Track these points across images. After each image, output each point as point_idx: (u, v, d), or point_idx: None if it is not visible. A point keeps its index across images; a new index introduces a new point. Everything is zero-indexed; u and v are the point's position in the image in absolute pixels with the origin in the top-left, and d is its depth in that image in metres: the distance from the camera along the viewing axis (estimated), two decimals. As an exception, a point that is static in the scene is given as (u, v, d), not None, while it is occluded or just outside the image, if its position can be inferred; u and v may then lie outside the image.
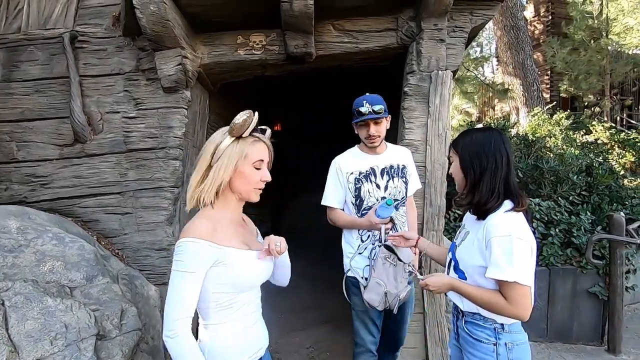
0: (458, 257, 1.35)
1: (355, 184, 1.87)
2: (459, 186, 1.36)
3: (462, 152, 1.31)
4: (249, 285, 1.12)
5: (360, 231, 1.89)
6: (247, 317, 1.14)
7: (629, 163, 7.09)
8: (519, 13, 9.08)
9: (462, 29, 2.44)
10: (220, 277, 1.06)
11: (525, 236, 1.18)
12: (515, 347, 1.24)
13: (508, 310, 1.18)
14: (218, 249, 1.04)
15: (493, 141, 1.28)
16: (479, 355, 1.26)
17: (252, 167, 1.10)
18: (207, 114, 2.92)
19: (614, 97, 10.60)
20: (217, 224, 1.08)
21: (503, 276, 1.16)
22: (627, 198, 3.70)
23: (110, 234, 2.45)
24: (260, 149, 1.12)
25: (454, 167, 1.36)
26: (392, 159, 1.92)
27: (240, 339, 1.11)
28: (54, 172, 2.48)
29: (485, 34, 15.27)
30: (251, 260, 1.12)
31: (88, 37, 2.52)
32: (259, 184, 1.13)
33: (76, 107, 2.41)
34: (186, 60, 2.35)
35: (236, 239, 1.11)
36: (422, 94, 2.40)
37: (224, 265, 1.05)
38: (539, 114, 8.26)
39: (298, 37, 2.37)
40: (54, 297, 1.70)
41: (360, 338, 1.92)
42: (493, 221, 1.21)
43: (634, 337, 3.27)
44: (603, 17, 10.13)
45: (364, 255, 1.87)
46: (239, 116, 1.07)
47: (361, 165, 1.89)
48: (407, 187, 1.94)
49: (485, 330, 1.26)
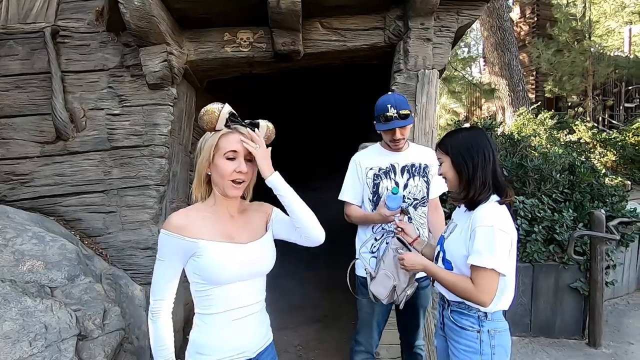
0: (446, 248, 1.41)
1: (373, 180, 1.82)
2: (452, 185, 1.40)
3: (453, 151, 1.36)
4: (222, 278, 1.08)
5: (375, 229, 1.82)
6: (233, 311, 1.11)
7: (610, 162, 7.30)
8: (505, 14, 9.23)
9: (449, 28, 2.46)
10: (194, 268, 1.09)
11: (507, 228, 1.26)
12: (497, 334, 1.31)
13: (473, 295, 1.25)
14: (187, 241, 1.06)
15: (479, 137, 1.37)
16: (464, 342, 1.33)
17: (224, 158, 1.09)
18: (193, 112, 2.89)
19: (596, 97, 10.88)
20: (194, 217, 1.10)
21: (481, 262, 1.23)
22: (607, 196, 3.80)
23: (94, 233, 2.40)
24: (232, 140, 1.09)
25: (444, 167, 1.39)
26: (414, 157, 1.86)
27: (222, 332, 1.10)
28: (34, 170, 2.42)
29: (473, 34, 15.50)
30: (225, 252, 1.08)
31: (70, 31, 2.46)
32: (233, 175, 1.09)
33: (58, 104, 2.35)
34: (172, 57, 2.32)
35: (213, 231, 1.10)
36: (409, 92, 2.42)
37: (197, 257, 1.07)
38: (524, 114, 8.43)
39: (285, 34, 2.36)
40: (34, 297, 1.66)
41: (362, 337, 1.89)
42: (479, 212, 1.29)
43: (613, 331, 3.37)
44: (586, 19, 10.38)
45: (376, 255, 1.80)
46: (204, 109, 1.09)
47: (381, 162, 1.84)
48: (428, 187, 1.86)
49: (470, 318, 1.33)
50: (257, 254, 1.14)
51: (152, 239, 2.36)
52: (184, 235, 1.06)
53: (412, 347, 1.93)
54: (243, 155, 1.10)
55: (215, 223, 1.12)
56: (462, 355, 1.33)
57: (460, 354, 1.34)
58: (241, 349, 1.13)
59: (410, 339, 1.92)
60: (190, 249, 1.07)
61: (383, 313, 1.86)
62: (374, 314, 1.84)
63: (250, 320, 1.14)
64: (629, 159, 7.42)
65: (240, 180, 1.11)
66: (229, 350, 1.11)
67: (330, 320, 3.30)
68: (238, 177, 1.10)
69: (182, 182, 2.80)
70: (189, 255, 1.08)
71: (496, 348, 1.30)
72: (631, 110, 11.70)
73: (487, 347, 1.30)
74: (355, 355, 1.91)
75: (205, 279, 1.08)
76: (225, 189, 1.11)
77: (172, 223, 1.07)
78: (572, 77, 10.24)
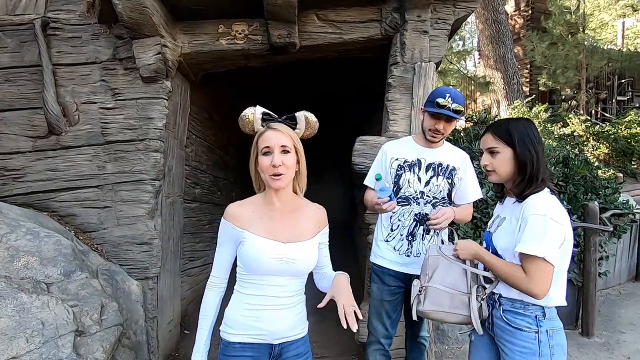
0: (495, 244, 1.35)
1: (397, 170, 1.81)
2: (504, 177, 1.32)
3: (520, 143, 1.28)
4: (257, 269, 1.19)
5: (392, 218, 1.81)
6: (263, 297, 1.20)
7: (603, 155, 7.38)
8: (500, 7, 9.22)
9: (445, 20, 2.45)
10: (239, 254, 1.23)
11: (561, 220, 1.21)
12: (554, 334, 1.26)
13: (524, 284, 1.19)
14: (236, 229, 1.21)
15: (536, 129, 1.32)
16: (520, 344, 1.26)
17: (262, 154, 1.19)
18: (188, 105, 2.86)
19: (590, 90, 10.95)
20: (248, 209, 1.23)
21: (531, 250, 1.17)
22: (600, 188, 3.84)
23: (89, 229, 2.38)
24: (266, 137, 1.19)
25: (502, 158, 1.30)
26: (443, 157, 1.81)
27: (249, 313, 1.20)
28: (27, 165, 2.38)
29: (468, 27, 15.47)
30: (263, 247, 1.17)
31: (61, 23, 2.41)
32: (270, 169, 1.16)
33: (49, 97, 2.31)
34: (166, 49, 2.28)
35: (259, 225, 1.21)
36: (406, 85, 2.41)
37: (242, 245, 1.20)
38: (519, 107, 8.47)
39: (281, 26, 2.33)
40: (29, 293, 1.64)
41: (372, 327, 1.89)
42: (531, 201, 1.24)
43: (605, 321, 3.43)
44: (580, 12, 10.40)
45: (390, 245, 1.82)
46: (239, 117, 1.23)
47: (408, 154, 1.81)
48: (451, 189, 1.81)
49: (526, 318, 1.26)
50: (295, 255, 1.20)
51: (148, 234, 2.35)
52: (234, 225, 1.21)
53: (416, 337, 1.94)
54: (277, 149, 1.17)
55: (264, 217, 1.22)
56: (519, 357, 1.26)
57: (516, 355, 1.26)
58: (261, 332, 1.20)
59: (415, 330, 1.94)
60: (238, 237, 1.21)
61: (393, 303, 1.86)
62: (383, 300, 1.84)
63: (278, 310, 1.21)
64: (621, 152, 7.50)
65: (278, 173, 1.16)
66: (250, 329, 1.20)
67: (329, 312, 3.32)
68: (275, 170, 1.16)
69: (178, 176, 2.78)
70: (238, 242, 1.22)
71: (555, 348, 1.25)
72: (624, 103, 11.81)
73: (545, 347, 1.24)
74: (368, 346, 1.93)
75: (244, 265, 1.22)
76: (268, 183, 1.20)
77: (228, 211, 1.23)
78: (566, 70, 10.29)
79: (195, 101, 3.02)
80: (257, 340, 1.20)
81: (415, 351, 1.96)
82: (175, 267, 2.76)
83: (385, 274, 1.83)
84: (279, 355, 1.23)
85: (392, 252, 1.82)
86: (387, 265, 1.83)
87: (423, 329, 1.93)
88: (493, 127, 1.36)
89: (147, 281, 2.35)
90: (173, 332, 2.68)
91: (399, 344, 2.15)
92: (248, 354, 1.19)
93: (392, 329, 1.88)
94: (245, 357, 1.19)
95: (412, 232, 1.79)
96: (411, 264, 1.78)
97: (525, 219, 1.22)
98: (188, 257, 3.13)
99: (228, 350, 1.20)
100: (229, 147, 4.16)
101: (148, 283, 2.35)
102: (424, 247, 1.77)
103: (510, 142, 1.30)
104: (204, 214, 3.48)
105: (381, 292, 1.84)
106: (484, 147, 1.37)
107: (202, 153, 3.38)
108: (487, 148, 1.35)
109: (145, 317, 2.24)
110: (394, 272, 1.81)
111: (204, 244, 3.48)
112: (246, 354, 1.19)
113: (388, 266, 1.82)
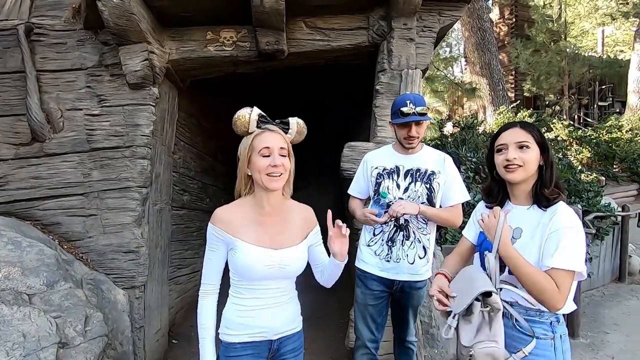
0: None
1: (377, 179, 1.86)
2: (530, 175, 1.23)
3: (544, 142, 1.23)
4: (247, 275, 1.20)
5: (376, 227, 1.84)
6: (259, 300, 1.23)
7: (586, 159, 7.57)
8: (485, 15, 9.44)
9: (431, 28, 2.50)
10: (230, 261, 1.23)
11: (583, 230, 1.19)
12: (564, 338, 1.23)
13: (553, 297, 1.12)
14: (227, 236, 1.20)
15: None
16: (536, 352, 1.20)
17: (259, 155, 1.19)
18: (176, 112, 2.84)
19: (572, 96, 11.26)
20: (237, 213, 1.22)
21: (569, 265, 1.12)
22: (583, 191, 3.94)
23: (74, 237, 2.33)
24: (265, 138, 1.20)
25: (532, 154, 1.22)
26: (422, 162, 1.82)
27: (247, 314, 1.22)
28: (9, 172, 2.32)
29: (454, 34, 15.76)
30: (256, 256, 1.18)
31: (45, 29, 2.38)
32: (268, 169, 1.17)
33: (33, 104, 2.27)
34: (153, 56, 2.27)
35: (249, 232, 1.21)
36: (393, 92, 2.44)
37: (234, 253, 1.20)
38: (504, 112, 8.65)
39: (269, 33, 2.35)
40: (10, 305, 1.60)
41: (358, 331, 1.91)
42: (563, 214, 1.18)
43: (590, 322, 3.50)
44: (562, 20, 10.72)
45: (372, 249, 1.85)
46: (235, 115, 1.21)
47: (387, 162, 1.86)
48: (430, 194, 1.80)
49: (542, 325, 1.22)
50: (287, 260, 1.22)
51: (135, 242, 2.31)
52: (225, 230, 1.20)
53: (403, 341, 1.96)
54: (277, 151, 1.19)
55: (254, 222, 1.22)
56: None
57: None
58: (261, 329, 1.23)
59: (402, 334, 1.95)
60: (228, 243, 1.21)
61: (377, 307, 1.87)
62: (366, 307, 1.86)
63: (274, 308, 1.24)
64: (603, 156, 7.72)
65: (276, 173, 1.18)
66: (251, 328, 1.22)
67: (320, 319, 3.31)
68: (274, 170, 1.18)
69: (166, 183, 2.75)
70: (229, 248, 1.22)
71: (565, 353, 1.22)
72: (605, 109, 12.17)
73: (560, 353, 1.21)
74: (355, 351, 1.94)
75: (237, 273, 1.22)
76: (264, 183, 1.19)
77: (216, 216, 1.21)
78: (549, 76, 10.57)
79: (184, 107, 3.01)
80: (257, 338, 1.22)
81: (403, 356, 1.97)
82: (162, 275, 2.72)
83: (368, 278, 1.86)
84: (277, 350, 1.26)
85: (373, 257, 1.85)
86: (369, 269, 1.85)
87: (410, 333, 1.94)
88: (518, 123, 1.29)
89: (134, 290, 2.30)
90: (161, 342, 2.63)
91: (387, 349, 2.15)
92: (249, 352, 1.22)
93: (379, 333, 1.90)
94: (246, 355, 1.22)
95: (392, 237, 1.82)
96: (391, 269, 1.81)
97: (558, 232, 1.15)
98: (176, 264, 3.09)
99: (229, 351, 1.22)
100: (217, 153, 4.14)
101: (135, 292, 2.30)
102: (404, 252, 1.80)
103: (540, 140, 1.23)
104: (193, 221, 3.44)
105: (365, 297, 1.86)
106: (511, 141, 1.24)
107: (190, 159, 3.35)
108: (517, 142, 1.23)
109: (131, 327, 2.20)
110: (377, 277, 1.84)
111: (192, 251, 3.44)
112: (247, 353, 1.22)
113: (370, 270, 1.85)
